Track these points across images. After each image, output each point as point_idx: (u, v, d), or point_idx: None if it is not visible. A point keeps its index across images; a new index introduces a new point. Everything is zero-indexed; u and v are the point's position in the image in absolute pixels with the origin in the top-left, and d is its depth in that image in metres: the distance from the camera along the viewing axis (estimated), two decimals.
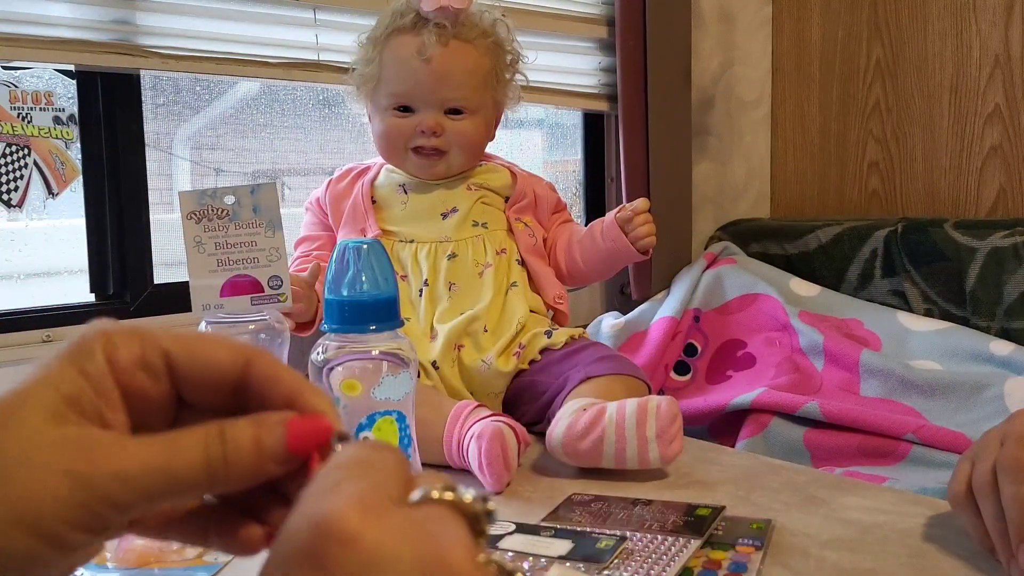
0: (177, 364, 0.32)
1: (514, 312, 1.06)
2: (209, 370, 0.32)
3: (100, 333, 0.31)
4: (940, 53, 1.56)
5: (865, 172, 1.68)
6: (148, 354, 0.31)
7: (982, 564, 0.64)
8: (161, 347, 0.31)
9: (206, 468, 0.29)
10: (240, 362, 0.32)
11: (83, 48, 1.02)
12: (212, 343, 0.32)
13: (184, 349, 0.32)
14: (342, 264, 0.69)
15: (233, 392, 0.32)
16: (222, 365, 0.32)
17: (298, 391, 0.32)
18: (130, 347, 0.31)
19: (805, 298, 1.45)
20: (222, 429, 0.30)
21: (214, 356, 0.32)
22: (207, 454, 0.29)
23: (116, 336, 0.31)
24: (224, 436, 0.30)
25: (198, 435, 0.30)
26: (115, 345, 0.31)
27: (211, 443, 0.30)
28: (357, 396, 0.68)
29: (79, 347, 0.31)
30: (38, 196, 1.03)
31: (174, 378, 0.32)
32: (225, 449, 0.30)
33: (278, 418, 0.31)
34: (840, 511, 0.76)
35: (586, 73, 1.53)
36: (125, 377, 0.31)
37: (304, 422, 0.31)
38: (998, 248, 1.33)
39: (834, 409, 1.17)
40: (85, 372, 0.30)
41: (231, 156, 1.29)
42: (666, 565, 0.63)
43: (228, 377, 0.32)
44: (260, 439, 0.30)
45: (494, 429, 0.83)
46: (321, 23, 1.21)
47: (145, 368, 0.31)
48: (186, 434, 0.30)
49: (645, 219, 1.11)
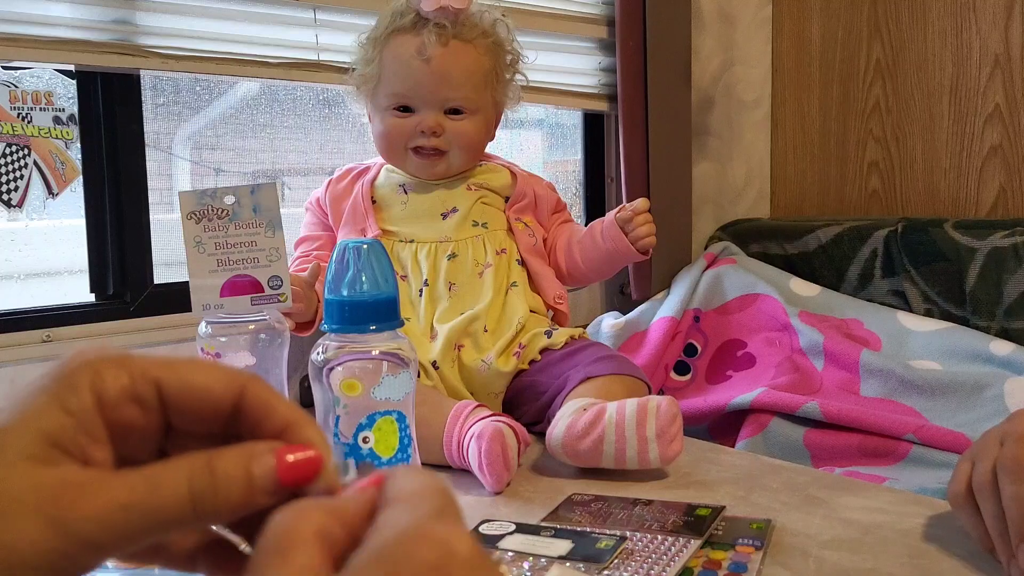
0: (168, 394, 0.30)
1: (514, 312, 1.06)
2: (202, 399, 0.31)
3: (86, 364, 0.30)
4: (940, 53, 1.56)
5: (865, 172, 1.68)
6: (138, 385, 0.30)
7: (982, 564, 0.64)
8: (151, 376, 0.30)
9: (191, 502, 0.28)
10: (234, 390, 0.31)
11: (83, 48, 1.02)
12: (205, 371, 0.31)
13: (176, 378, 0.30)
14: (342, 264, 0.69)
15: (226, 420, 0.31)
16: (215, 394, 0.31)
17: (291, 421, 0.31)
18: (118, 379, 0.30)
19: (805, 298, 1.45)
20: (209, 460, 0.29)
21: (207, 385, 0.31)
22: (192, 488, 0.28)
23: (104, 367, 0.30)
24: (211, 468, 0.29)
25: (182, 468, 0.29)
26: (102, 378, 0.29)
27: (197, 476, 0.28)
28: (357, 396, 0.68)
29: (64, 381, 0.29)
30: (38, 196, 1.03)
31: (165, 408, 0.31)
32: (213, 481, 0.28)
33: (267, 448, 0.30)
34: (840, 511, 0.76)
35: (586, 73, 1.53)
36: (113, 411, 0.29)
37: (295, 452, 0.30)
38: (998, 248, 1.33)
39: (834, 409, 1.17)
40: (69, 409, 0.29)
41: (231, 156, 1.29)
42: (666, 565, 0.63)
43: (222, 406, 0.31)
44: (250, 470, 0.29)
45: (494, 429, 0.83)
46: (321, 23, 1.21)
47: (135, 400, 0.30)
48: (170, 467, 0.29)
49: (645, 219, 1.11)
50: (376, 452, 0.68)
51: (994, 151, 1.51)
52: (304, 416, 0.31)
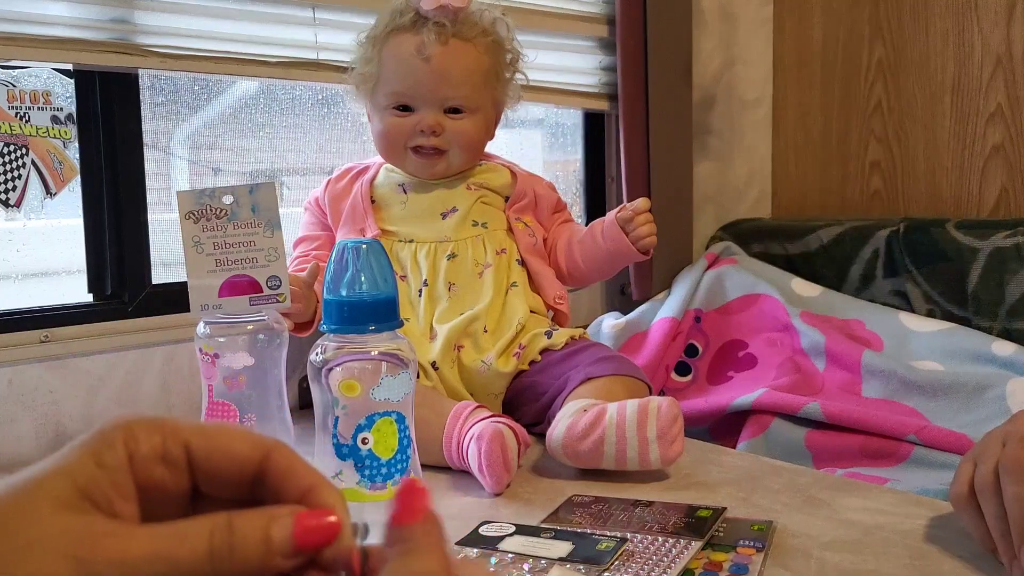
0: (197, 457, 0.32)
1: (514, 312, 1.06)
2: (228, 463, 0.32)
3: (122, 426, 0.31)
4: (942, 53, 1.56)
5: (867, 172, 1.68)
6: (169, 447, 0.32)
7: (984, 565, 0.63)
8: (182, 439, 0.32)
9: (210, 558, 0.29)
10: (259, 455, 0.32)
11: (81, 47, 1.01)
12: (233, 436, 0.33)
13: (205, 442, 0.32)
14: (341, 264, 0.69)
15: (251, 485, 0.32)
16: (241, 458, 0.32)
17: (313, 485, 0.32)
18: (151, 440, 0.31)
19: (806, 298, 1.44)
20: (230, 520, 0.30)
21: (234, 449, 0.32)
22: (212, 544, 0.29)
23: (138, 429, 0.31)
24: (231, 527, 0.30)
25: (204, 524, 0.30)
26: (136, 439, 0.31)
27: (217, 533, 0.30)
28: (356, 397, 0.68)
29: (100, 438, 0.31)
30: (36, 196, 1.03)
31: (193, 470, 0.32)
32: (232, 540, 0.30)
33: (287, 511, 0.31)
34: (841, 512, 0.76)
35: (586, 72, 1.53)
36: (144, 471, 0.31)
37: (313, 516, 0.31)
38: (1000, 248, 1.33)
39: (835, 410, 1.16)
40: (103, 464, 0.30)
41: (229, 156, 1.29)
42: (667, 567, 0.63)
43: (247, 470, 0.32)
44: (268, 532, 0.30)
45: (494, 430, 0.82)
46: (320, 22, 1.21)
47: (165, 461, 0.31)
48: (193, 523, 0.30)
49: (646, 219, 1.10)
50: (375, 453, 0.68)
51: (996, 151, 1.51)
52: (325, 480, 0.32)
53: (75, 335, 1.04)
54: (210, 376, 0.84)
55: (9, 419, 0.99)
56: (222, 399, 0.84)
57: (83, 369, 1.04)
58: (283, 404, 0.87)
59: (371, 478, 0.68)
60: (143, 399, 1.07)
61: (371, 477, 0.68)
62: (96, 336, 1.05)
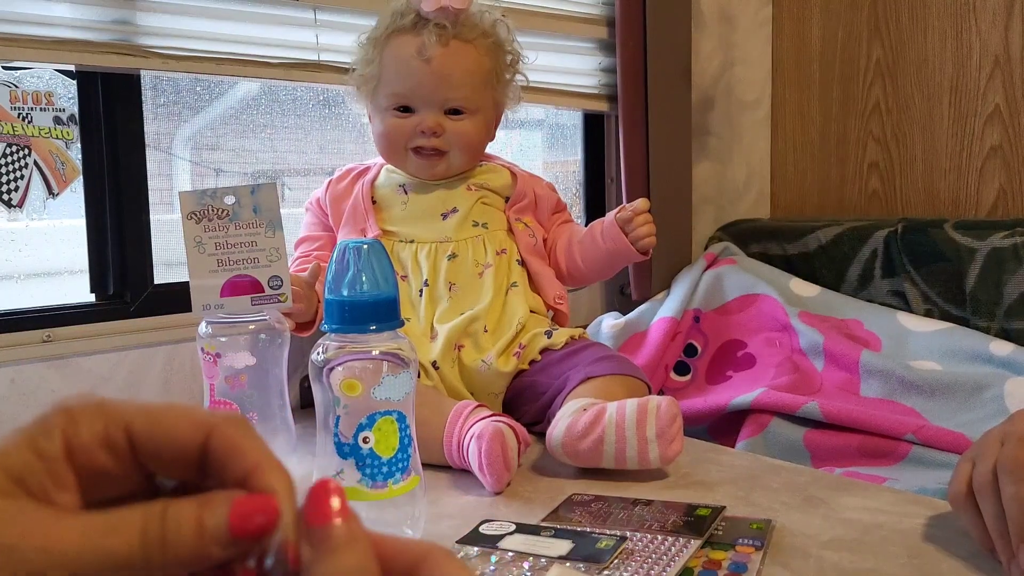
0: (139, 441, 0.30)
1: (514, 312, 1.07)
2: (170, 445, 0.30)
3: (63, 411, 0.30)
4: (940, 54, 1.56)
5: (865, 172, 1.68)
6: (111, 431, 0.30)
7: (982, 564, 0.64)
8: (123, 422, 0.30)
9: (142, 548, 0.28)
10: (200, 436, 0.30)
11: (83, 48, 1.02)
12: (176, 416, 0.31)
13: (147, 425, 0.30)
14: (342, 264, 0.69)
15: (198, 468, 0.31)
16: (182, 439, 0.30)
17: (255, 467, 0.30)
18: (92, 426, 0.30)
19: (805, 298, 1.45)
20: (165, 508, 0.28)
21: (175, 430, 0.30)
22: (144, 533, 0.28)
23: (79, 415, 0.30)
24: (164, 515, 0.28)
25: (138, 513, 0.28)
26: (77, 425, 0.30)
27: (150, 522, 0.28)
28: (357, 396, 0.68)
29: (39, 425, 0.30)
30: (38, 196, 1.03)
31: (137, 454, 0.30)
32: (165, 529, 0.28)
33: (226, 497, 0.29)
34: (840, 511, 0.76)
35: (586, 73, 1.53)
36: (84, 458, 0.30)
37: (250, 503, 0.28)
38: (998, 248, 1.33)
39: (834, 409, 1.17)
40: (39, 452, 0.29)
41: (231, 156, 1.29)
42: (666, 565, 0.63)
43: (190, 452, 0.30)
44: (202, 520, 0.28)
45: (494, 429, 0.83)
46: (321, 23, 1.21)
47: (107, 446, 0.30)
48: (128, 512, 0.28)
49: (645, 219, 1.11)
50: (376, 452, 0.68)
51: (994, 151, 1.51)
52: (270, 460, 0.30)
53: (77, 335, 1.04)
54: (212, 375, 0.84)
55: (11, 419, 0.99)
56: (224, 398, 0.84)
57: (85, 369, 1.04)
58: (284, 403, 0.87)
59: (372, 477, 0.68)
60: (145, 398, 1.07)
61: (372, 476, 0.68)
62: (98, 336, 1.05)
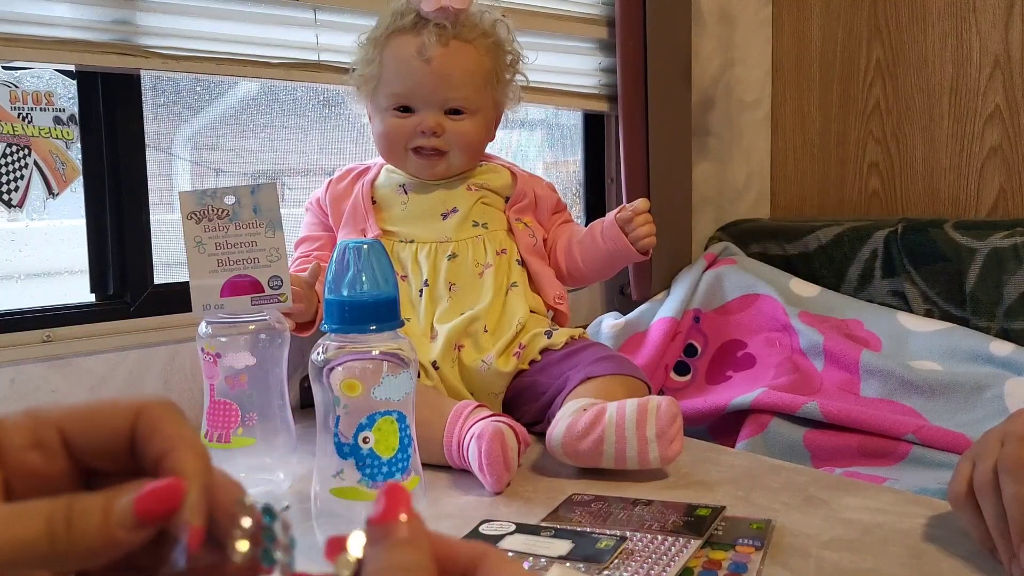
0: (72, 439, 0.31)
1: (514, 312, 1.07)
2: (101, 439, 0.31)
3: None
4: (940, 54, 1.56)
5: (865, 172, 1.68)
6: (41, 434, 0.31)
7: (982, 564, 0.64)
8: (53, 421, 0.31)
9: (48, 536, 0.28)
10: (129, 420, 0.31)
11: (83, 48, 1.02)
12: (104, 411, 0.31)
13: (77, 423, 0.31)
14: (342, 264, 0.69)
15: (129, 453, 0.31)
16: (110, 430, 0.31)
17: (168, 450, 0.30)
18: (20, 430, 0.31)
19: (805, 298, 1.45)
20: (75, 496, 0.29)
21: (104, 424, 0.31)
22: (50, 522, 0.28)
23: (6, 420, 0.31)
24: (71, 504, 0.28)
25: (46, 503, 0.28)
26: (4, 429, 0.31)
27: (55, 511, 0.28)
28: (357, 396, 0.68)
29: None
30: (38, 196, 1.03)
31: (72, 452, 0.31)
32: (70, 516, 0.28)
33: (134, 485, 0.29)
34: (840, 511, 0.76)
35: (586, 73, 1.53)
36: (15, 459, 0.30)
37: (156, 487, 0.28)
38: (998, 249, 1.33)
39: (834, 409, 1.17)
40: None
41: (231, 156, 1.29)
42: (666, 565, 0.63)
43: (120, 437, 0.31)
44: (109, 504, 0.28)
45: (494, 429, 0.83)
46: (321, 23, 1.21)
47: (38, 448, 0.31)
48: (36, 503, 0.29)
49: (645, 219, 1.11)
50: (376, 452, 0.68)
51: (994, 152, 1.51)
52: (184, 443, 0.30)
53: (77, 335, 1.04)
54: (212, 375, 0.84)
55: None
56: (224, 398, 0.84)
57: (85, 369, 1.04)
58: (284, 403, 0.87)
59: (372, 477, 0.68)
60: None
61: (372, 476, 0.68)
62: (98, 336, 1.05)
